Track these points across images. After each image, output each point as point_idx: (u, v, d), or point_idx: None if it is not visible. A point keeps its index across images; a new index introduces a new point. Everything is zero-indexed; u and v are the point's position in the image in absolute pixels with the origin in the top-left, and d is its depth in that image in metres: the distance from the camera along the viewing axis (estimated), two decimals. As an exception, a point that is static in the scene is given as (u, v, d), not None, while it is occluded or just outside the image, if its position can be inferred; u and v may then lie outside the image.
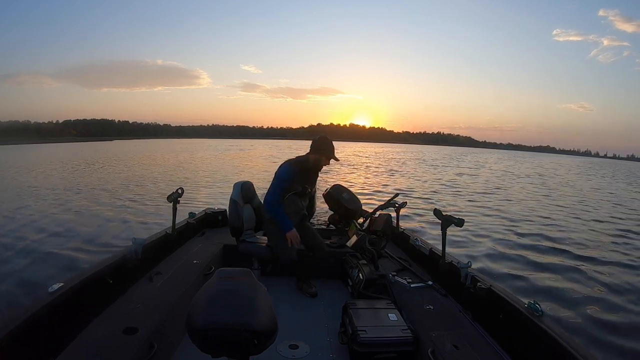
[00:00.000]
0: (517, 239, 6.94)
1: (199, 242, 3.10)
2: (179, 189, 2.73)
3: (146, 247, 2.26)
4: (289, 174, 2.54)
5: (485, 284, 1.97)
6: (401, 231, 3.33)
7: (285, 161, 2.64)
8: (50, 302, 1.52)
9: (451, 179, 18.46)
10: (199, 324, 1.00)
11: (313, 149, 2.57)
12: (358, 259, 2.80)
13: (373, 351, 1.80)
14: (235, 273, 1.13)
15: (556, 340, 1.45)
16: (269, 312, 1.05)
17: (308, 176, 2.64)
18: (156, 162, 23.51)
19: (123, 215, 7.53)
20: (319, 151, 2.55)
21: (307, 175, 2.63)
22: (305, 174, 2.62)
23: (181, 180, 13.80)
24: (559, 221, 8.98)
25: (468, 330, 1.87)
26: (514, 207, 10.56)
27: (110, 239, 5.79)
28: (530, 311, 1.65)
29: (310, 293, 2.72)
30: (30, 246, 5.29)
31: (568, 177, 25.69)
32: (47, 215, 7.37)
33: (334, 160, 2.59)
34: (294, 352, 1.99)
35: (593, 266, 5.50)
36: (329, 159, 2.57)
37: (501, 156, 67.62)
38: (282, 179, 2.54)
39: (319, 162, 2.57)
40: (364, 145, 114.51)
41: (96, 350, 1.48)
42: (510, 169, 29.81)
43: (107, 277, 1.91)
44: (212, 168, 19.73)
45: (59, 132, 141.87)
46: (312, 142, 2.60)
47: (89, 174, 15.31)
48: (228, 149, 48.56)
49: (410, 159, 38.30)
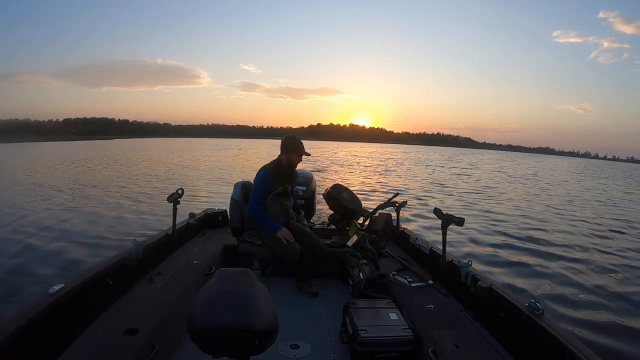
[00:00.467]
0: (502, 235, 7.09)
1: (199, 242, 3.10)
2: (179, 190, 2.73)
3: (146, 247, 2.25)
4: (266, 178, 2.65)
5: (486, 283, 1.97)
6: (401, 230, 3.33)
7: (260, 168, 2.74)
8: (51, 303, 1.51)
9: (433, 178, 19.06)
10: (200, 324, 1.00)
11: (283, 149, 2.70)
12: (358, 259, 2.80)
13: (374, 350, 1.80)
14: (236, 273, 1.13)
15: (557, 339, 1.45)
16: (269, 312, 1.05)
17: (285, 176, 2.73)
18: (160, 161, 23.98)
19: (123, 216, 7.54)
20: (289, 150, 2.68)
21: (284, 175, 2.72)
22: (282, 175, 2.71)
23: (181, 180, 13.80)
24: (537, 217, 9.26)
25: (469, 329, 1.87)
26: (498, 206, 10.75)
27: (111, 239, 5.79)
28: (530, 310, 1.65)
29: (312, 292, 2.73)
30: (30, 246, 5.29)
31: (561, 178, 26.02)
32: (47, 214, 7.37)
33: (306, 156, 2.74)
34: (295, 352, 1.99)
35: (587, 265, 5.52)
36: (300, 156, 2.71)
37: (493, 157, 68.85)
38: (260, 184, 2.64)
39: (292, 161, 2.69)
40: (363, 145, 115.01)
41: (97, 351, 1.48)
42: (499, 170, 30.24)
43: (107, 278, 1.91)
44: (213, 167, 19.80)
45: (59, 130, 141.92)
46: (281, 142, 2.74)
47: (90, 174, 15.30)
48: (226, 148, 48.90)
49: (407, 159, 39.21)
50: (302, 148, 2.70)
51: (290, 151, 2.68)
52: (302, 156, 2.71)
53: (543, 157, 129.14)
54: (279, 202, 2.72)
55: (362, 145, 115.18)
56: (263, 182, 2.63)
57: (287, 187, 2.72)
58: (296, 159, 2.70)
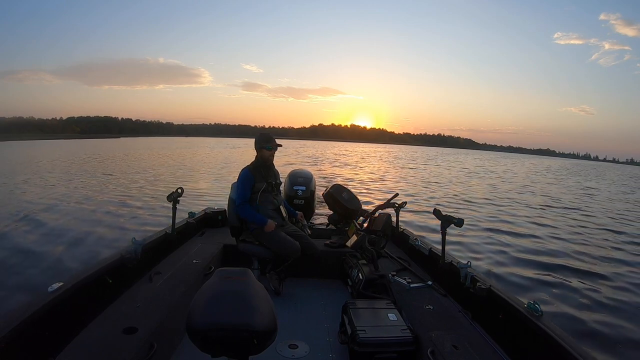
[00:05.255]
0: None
1: (199, 242, 3.10)
2: (179, 189, 2.73)
3: (146, 246, 2.26)
4: (246, 176, 2.75)
5: (485, 284, 1.98)
6: (401, 231, 3.33)
7: (242, 168, 2.86)
8: (49, 302, 1.52)
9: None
10: (199, 324, 1.00)
11: (255, 148, 2.84)
12: (358, 259, 2.81)
13: (372, 351, 1.80)
14: (235, 273, 1.13)
15: (555, 341, 1.45)
16: (268, 312, 1.05)
17: (265, 172, 2.81)
18: (173, 159, 25.16)
19: (123, 215, 7.52)
20: (258, 147, 2.82)
21: (264, 171, 2.80)
22: (262, 171, 2.80)
23: (182, 180, 13.81)
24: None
25: (468, 330, 1.87)
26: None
27: (110, 238, 5.78)
28: (529, 311, 1.65)
29: (275, 288, 2.66)
30: (29, 245, 5.28)
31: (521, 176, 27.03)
32: (47, 214, 7.37)
33: (278, 147, 2.85)
34: (294, 352, 1.99)
35: (587, 265, 5.50)
36: (268, 149, 2.81)
37: (484, 157, 71.07)
38: (241, 183, 2.74)
39: (265, 156, 2.81)
40: (364, 145, 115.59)
41: (96, 350, 1.48)
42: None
43: (106, 277, 1.91)
44: (213, 167, 19.83)
45: (61, 129, 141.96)
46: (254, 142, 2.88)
47: (91, 171, 15.33)
48: (226, 146, 49.52)
49: (385, 155, 43.29)
50: (268, 141, 2.81)
51: (259, 148, 2.81)
52: (271, 149, 2.81)
53: (536, 157, 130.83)
54: (269, 200, 2.78)
55: (363, 145, 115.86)
56: (243, 180, 2.74)
57: (271, 182, 2.81)
58: (266, 153, 2.80)
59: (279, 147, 2.87)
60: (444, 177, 20.47)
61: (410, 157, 46.48)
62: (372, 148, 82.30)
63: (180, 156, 28.16)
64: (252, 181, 2.73)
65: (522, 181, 21.63)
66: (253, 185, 2.72)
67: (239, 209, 2.71)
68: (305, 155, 33.81)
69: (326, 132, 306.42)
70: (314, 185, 3.60)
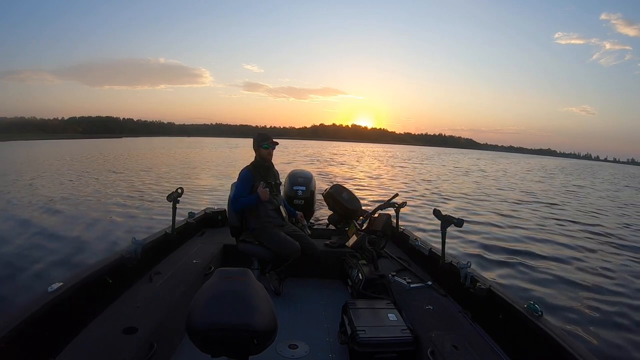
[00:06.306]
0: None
1: (199, 242, 3.11)
2: (179, 189, 2.73)
3: (146, 246, 2.26)
4: (246, 176, 2.77)
5: (485, 284, 1.97)
6: (401, 231, 3.33)
7: (242, 169, 2.87)
8: (49, 302, 1.52)
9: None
10: (199, 324, 1.00)
11: (253, 148, 2.87)
12: (358, 259, 2.81)
13: (372, 351, 1.80)
14: (235, 273, 1.13)
15: (555, 341, 1.45)
16: (268, 312, 1.05)
17: (265, 171, 2.83)
18: (175, 159, 25.63)
19: (122, 215, 7.52)
20: (256, 147, 2.85)
21: (263, 170, 2.83)
22: (262, 170, 2.82)
23: (181, 179, 13.82)
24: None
25: (467, 330, 1.87)
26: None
27: (110, 238, 5.78)
28: (529, 311, 1.65)
29: (275, 288, 2.68)
30: (29, 245, 5.29)
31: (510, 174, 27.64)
32: (46, 214, 7.38)
33: (275, 145, 2.87)
34: (294, 352, 1.99)
35: (586, 266, 5.50)
36: (266, 148, 2.83)
37: (481, 156, 71.33)
38: (240, 182, 2.77)
39: (263, 155, 2.83)
40: (364, 145, 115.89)
41: (96, 349, 1.48)
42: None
43: (106, 277, 1.91)
44: (214, 166, 19.87)
45: (63, 129, 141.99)
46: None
47: (91, 172, 15.34)
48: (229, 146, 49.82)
49: (380, 154, 43.77)
50: (265, 140, 2.83)
51: (257, 147, 2.83)
52: (268, 148, 2.82)
53: (536, 157, 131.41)
54: (268, 200, 2.77)
55: (364, 145, 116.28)
56: (243, 179, 2.77)
57: (270, 182, 2.82)
58: (264, 152, 2.82)
59: (277, 146, 2.88)
60: (433, 175, 21.13)
61: (406, 156, 47.29)
62: (372, 148, 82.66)
63: (185, 155, 28.86)
64: (252, 181, 2.74)
65: (509, 179, 22.16)
66: (252, 185, 2.73)
67: (232, 204, 2.74)
68: (304, 155, 34.76)
69: (327, 132, 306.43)
70: (314, 186, 3.60)
